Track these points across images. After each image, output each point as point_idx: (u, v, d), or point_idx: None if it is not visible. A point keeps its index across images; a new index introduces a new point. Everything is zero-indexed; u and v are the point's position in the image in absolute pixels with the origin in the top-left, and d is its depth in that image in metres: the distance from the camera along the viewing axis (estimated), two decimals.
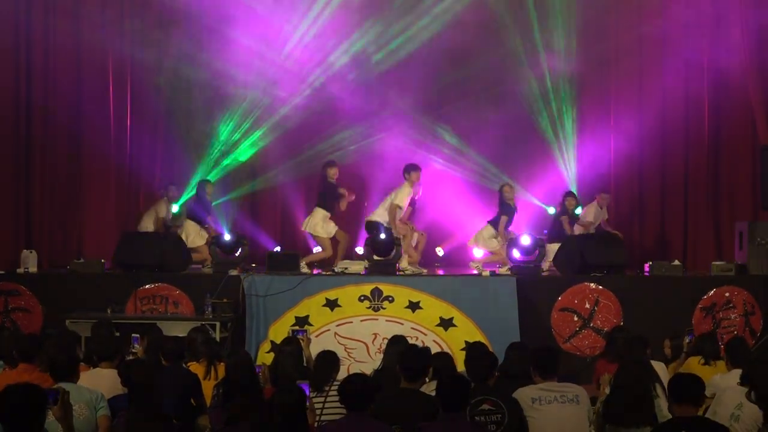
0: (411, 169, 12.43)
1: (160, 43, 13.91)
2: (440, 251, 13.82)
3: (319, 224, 12.47)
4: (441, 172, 14.17)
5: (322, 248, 12.61)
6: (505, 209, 12.75)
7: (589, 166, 14.05)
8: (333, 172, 12.61)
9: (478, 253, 13.10)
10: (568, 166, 14.08)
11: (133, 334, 8.70)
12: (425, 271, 12.18)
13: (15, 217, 13.32)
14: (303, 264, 11.99)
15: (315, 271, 11.91)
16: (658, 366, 7.55)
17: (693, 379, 5.77)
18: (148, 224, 13.31)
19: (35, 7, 13.52)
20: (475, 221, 13.34)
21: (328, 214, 12.55)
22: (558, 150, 14.12)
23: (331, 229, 12.52)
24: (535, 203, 14.09)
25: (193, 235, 12.88)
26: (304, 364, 8.13)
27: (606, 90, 14.42)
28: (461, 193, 14.08)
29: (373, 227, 12.05)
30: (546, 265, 12.16)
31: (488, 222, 12.89)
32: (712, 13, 13.67)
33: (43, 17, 13.51)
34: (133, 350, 8.29)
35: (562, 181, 13.95)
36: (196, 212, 13.06)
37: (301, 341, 8.37)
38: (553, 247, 12.21)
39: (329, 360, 7.00)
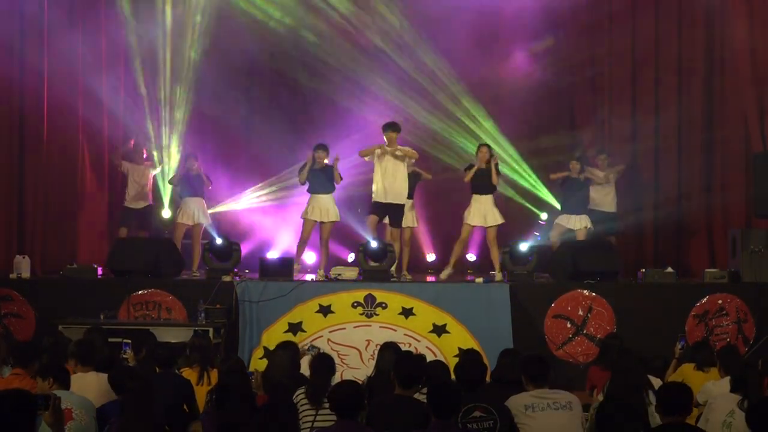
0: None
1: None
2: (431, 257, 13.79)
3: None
4: None
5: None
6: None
7: None
8: (318, 156, 12.14)
9: (471, 257, 13.08)
10: None
11: (123, 341, 8.69)
12: (410, 277, 12.14)
13: (8, 223, 13.26)
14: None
15: (307, 277, 11.91)
16: (654, 381, 7.54)
17: (680, 388, 5.77)
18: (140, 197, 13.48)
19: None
20: None
21: (313, 197, 12.20)
22: None
23: (308, 213, 12.15)
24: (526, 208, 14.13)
25: (198, 212, 12.72)
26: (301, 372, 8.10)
27: (600, 99, 14.46)
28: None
29: None
30: None
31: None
32: (705, 21, 13.71)
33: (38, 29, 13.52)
34: (125, 356, 8.27)
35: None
36: (192, 187, 12.84)
37: (310, 351, 8.34)
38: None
39: (325, 365, 6.99)
